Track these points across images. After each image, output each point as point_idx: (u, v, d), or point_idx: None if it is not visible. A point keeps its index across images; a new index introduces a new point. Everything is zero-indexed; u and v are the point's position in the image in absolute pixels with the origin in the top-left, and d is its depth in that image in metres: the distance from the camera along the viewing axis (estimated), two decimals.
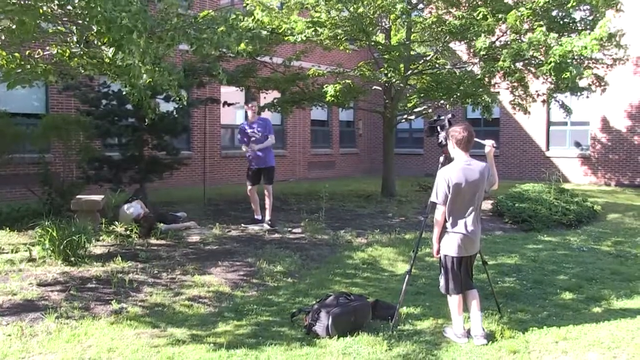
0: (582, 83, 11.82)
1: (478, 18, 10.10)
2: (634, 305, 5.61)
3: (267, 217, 8.94)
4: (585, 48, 8.99)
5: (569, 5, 10.06)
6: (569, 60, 9.13)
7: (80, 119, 10.15)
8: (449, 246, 4.65)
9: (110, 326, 4.79)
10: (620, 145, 17.52)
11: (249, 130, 8.95)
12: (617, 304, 5.65)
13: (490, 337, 4.60)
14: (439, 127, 5.26)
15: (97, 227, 7.80)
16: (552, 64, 9.18)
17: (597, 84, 12.03)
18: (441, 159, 5.14)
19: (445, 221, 4.64)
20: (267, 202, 8.95)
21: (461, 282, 4.66)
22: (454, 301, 4.68)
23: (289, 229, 8.81)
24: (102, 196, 8.75)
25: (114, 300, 5.37)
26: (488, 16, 9.97)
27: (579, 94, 12.04)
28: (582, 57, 9.64)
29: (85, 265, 6.37)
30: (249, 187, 9.06)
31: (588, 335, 4.71)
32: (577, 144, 18.38)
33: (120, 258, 6.60)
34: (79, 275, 6.05)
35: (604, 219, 10.99)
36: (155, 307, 5.34)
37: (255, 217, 9.06)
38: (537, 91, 12.26)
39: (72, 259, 6.42)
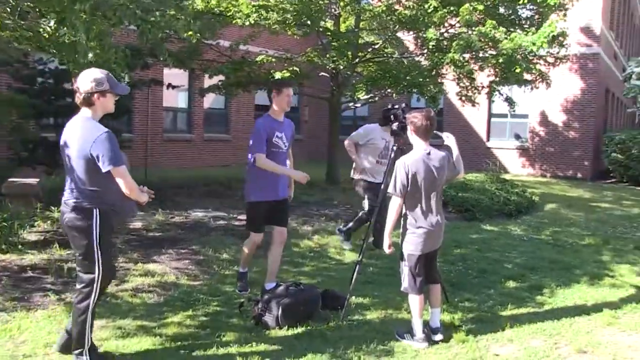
0: (527, 77, 12.24)
1: (429, 11, 10.18)
2: (573, 292, 5.82)
3: (269, 283, 5.26)
4: (534, 44, 9.25)
5: (520, 2, 10.36)
6: (518, 56, 9.39)
7: (14, 97, 9.60)
8: (412, 245, 4.34)
9: (48, 319, 4.51)
10: (556, 139, 18.22)
11: (277, 136, 5.06)
12: (557, 291, 5.84)
13: (444, 332, 4.48)
14: (392, 116, 5.26)
15: (32, 212, 7.39)
16: (504, 57, 9.40)
17: (541, 80, 12.43)
18: (394, 147, 5.13)
19: (406, 218, 4.37)
20: (276, 255, 5.30)
21: (424, 279, 4.41)
22: (415, 301, 4.37)
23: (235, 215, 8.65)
24: (38, 179, 8.31)
25: (52, 291, 5.09)
26: (439, 8, 10.06)
27: (525, 86, 12.46)
28: (530, 53, 9.93)
29: (18, 253, 6.01)
30: (257, 236, 5.29)
31: (531, 323, 4.82)
32: (517, 136, 18.98)
33: (57, 245, 6.27)
34: (11, 265, 5.70)
35: (542, 209, 11.38)
36: None
37: (241, 270, 5.58)
38: (481, 83, 12.52)
39: (4, 246, 6.04)
